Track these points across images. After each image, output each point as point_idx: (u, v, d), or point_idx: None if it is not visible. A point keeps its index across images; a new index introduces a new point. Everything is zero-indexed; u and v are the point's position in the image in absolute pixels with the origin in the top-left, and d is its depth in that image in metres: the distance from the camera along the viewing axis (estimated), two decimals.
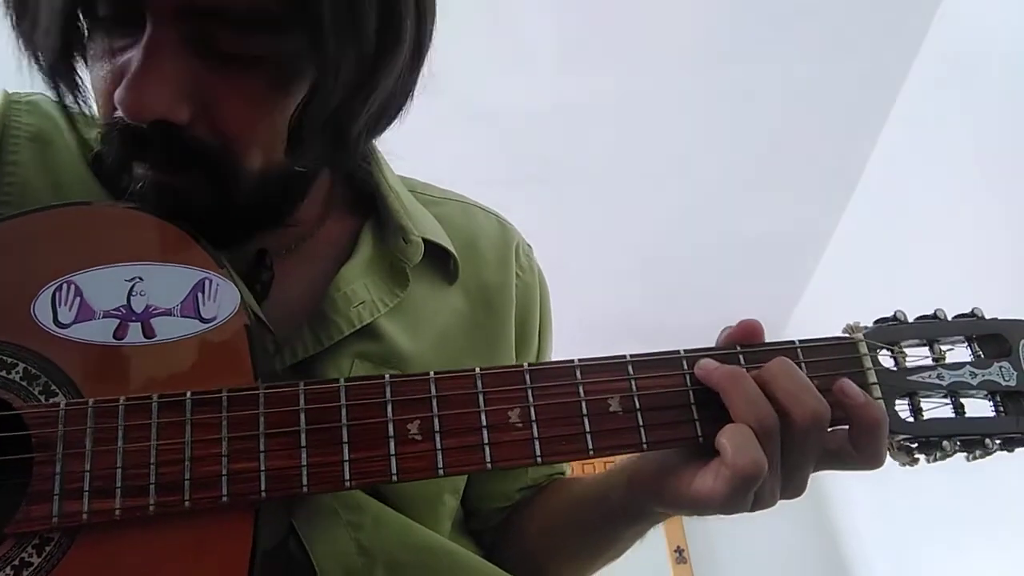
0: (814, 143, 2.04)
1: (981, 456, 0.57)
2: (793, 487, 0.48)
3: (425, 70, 0.54)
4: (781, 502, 0.49)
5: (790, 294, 2.63)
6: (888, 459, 0.53)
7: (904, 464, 0.56)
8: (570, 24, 1.71)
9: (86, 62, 0.50)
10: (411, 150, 0.66)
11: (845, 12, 1.73)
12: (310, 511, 0.51)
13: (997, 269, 1.60)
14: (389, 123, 0.56)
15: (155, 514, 0.41)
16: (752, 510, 0.47)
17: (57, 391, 0.44)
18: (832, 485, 2.49)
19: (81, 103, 0.50)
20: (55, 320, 0.45)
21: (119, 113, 0.45)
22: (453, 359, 0.62)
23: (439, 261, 0.64)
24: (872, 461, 0.48)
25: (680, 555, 2.47)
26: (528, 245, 0.74)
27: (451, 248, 0.64)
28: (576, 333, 0.68)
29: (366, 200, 0.64)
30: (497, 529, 0.68)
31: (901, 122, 1.97)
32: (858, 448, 0.47)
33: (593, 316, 2.40)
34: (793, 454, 0.46)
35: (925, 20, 1.78)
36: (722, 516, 0.50)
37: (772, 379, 0.46)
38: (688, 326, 2.71)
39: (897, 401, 0.53)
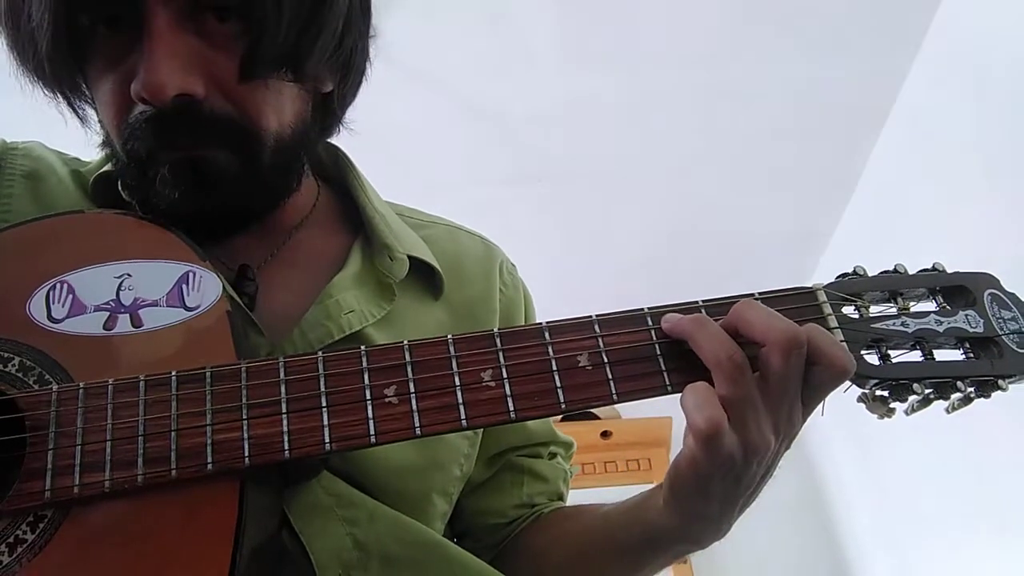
0: (814, 143, 2.03)
1: (960, 405, 0.58)
2: (784, 425, 0.48)
3: (427, 69, 0.59)
4: (780, 507, 0.48)
5: None
6: (875, 448, 0.53)
7: (882, 416, 0.57)
8: (572, 24, 1.72)
9: (88, 91, 0.56)
10: (414, 150, 0.69)
11: (845, 12, 1.71)
12: (305, 506, 0.52)
13: (998, 268, 1.59)
14: (351, 73, 0.62)
15: (144, 485, 0.43)
16: (748, 458, 0.46)
17: (51, 380, 0.46)
18: (832, 485, 2.43)
19: (80, 110, 0.55)
20: (49, 316, 0.48)
21: (139, 108, 0.50)
22: None
23: (425, 277, 0.66)
24: (834, 367, 0.47)
25: None
26: (512, 264, 0.77)
27: (435, 264, 0.67)
28: None
29: (355, 221, 0.68)
30: (493, 549, 0.68)
31: (901, 122, 1.95)
32: (817, 362, 0.47)
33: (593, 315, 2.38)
34: (777, 386, 0.46)
35: (925, 20, 1.76)
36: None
37: (739, 317, 0.47)
38: None
39: (864, 351, 0.54)
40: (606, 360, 0.48)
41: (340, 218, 0.69)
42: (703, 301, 0.51)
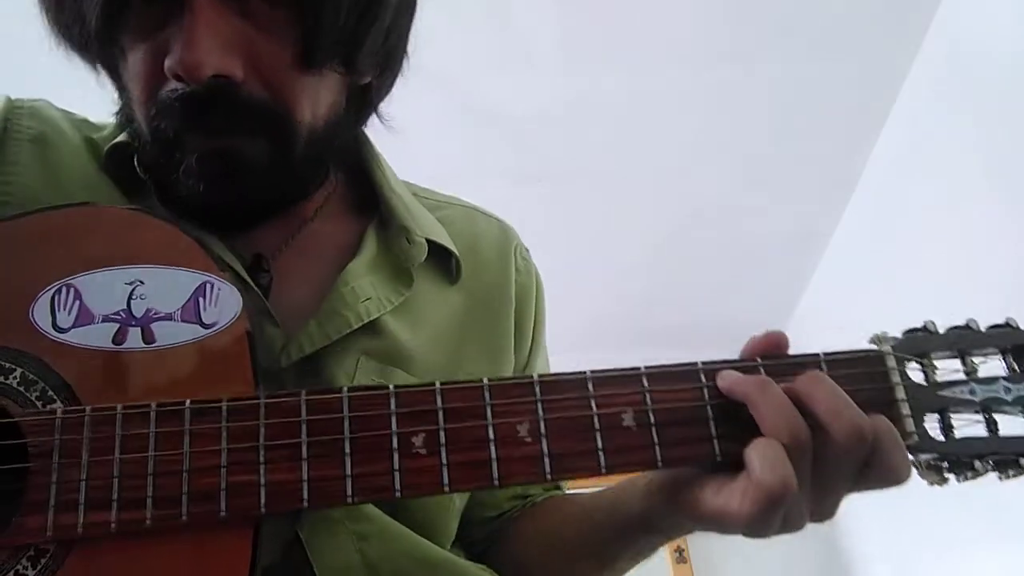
0: (814, 143, 2.05)
1: (1015, 476, 0.54)
2: (823, 510, 0.45)
3: (427, 68, 0.57)
4: None
5: (790, 294, 2.62)
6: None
7: (933, 483, 0.54)
8: (572, 24, 1.73)
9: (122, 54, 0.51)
10: (414, 149, 0.67)
11: (845, 12, 1.73)
12: (316, 520, 0.50)
13: (997, 268, 1.59)
14: (392, 66, 0.58)
15: (152, 528, 0.40)
16: (779, 531, 0.44)
17: (55, 397, 0.43)
18: None
19: (116, 79, 0.51)
20: (54, 324, 0.44)
21: (171, 85, 0.47)
22: (454, 357, 0.62)
23: (442, 261, 0.64)
24: (889, 474, 0.45)
25: (680, 555, 2.45)
26: (526, 248, 0.74)
27: (453, 248, 0.64)
28: (577, 332, 0.68)
29: (370, 203, 0.64)
30: (485, 541, 0.67)
31: (901, 122, 1.96)
32: (874, 463, 0.44)
33: (593, 315, 2.41)
34: (828, 474, 0.43)
35: (925, 20, 1.78)
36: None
37: (808, 393, 0.43)
38: (690, 325, 2.72)
39: (926, 415, 0.51)
40: (652, 421, 0.45)
41: (354, 200, 0.66)
42: (762, 359, 0.47)
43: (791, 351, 0.48)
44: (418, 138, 0.65)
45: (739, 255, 2.39)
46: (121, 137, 0.56)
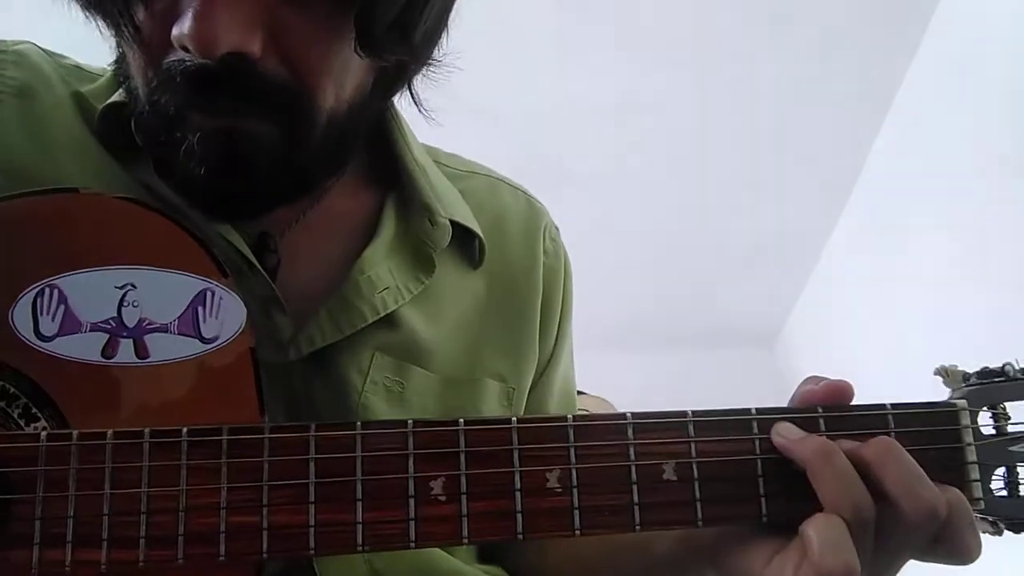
0: (814, 143, 2.05)
1: None
2: None
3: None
4: None
5: (789, 294, 2.62)
6: None
7: (985, 532, 0.50)
8: (572, 24, 1.71)
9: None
10: None
11: (845, 12, 1.73)
12: None
13: (997, 268, 1.57)
14: (429, 46, 0.51)
15: (145, 570, 0.37)
16: None
17: (39, 415, 0.39)
18: None
19: (131, 39, 0.43)
20: (36, 331, 0.40)
21: (177, 56, 0.41)
22: (474, 350, 0.58)
23: (464, 243, 0.59)
24: (957, 555, 0.41)
25: None
26: (555, 227, 0.68)
27: (478, 230, 0.58)
28: (575, 332, 0.66)
29: (387, 172, 0.58)
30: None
31: (900, 122, 1.96)
32: (943, 541, 0.40)
33: (592, 315, 2.44)
34: (892, 548, 0.39)
35: (925, 20, 1.77)
36: None
37: (879, 464, 0.39)
38: (688, 325, 2.73)
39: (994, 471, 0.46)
40: (696, 475, 0.40)
41: (372, 168, 0.59)
42: (823, 409, 0.42)
43: (789, 350, 0.44)
44: (417, 138, 0.60)
45: (738, 254, 2.39)
46: (116, 96, 0.50)
